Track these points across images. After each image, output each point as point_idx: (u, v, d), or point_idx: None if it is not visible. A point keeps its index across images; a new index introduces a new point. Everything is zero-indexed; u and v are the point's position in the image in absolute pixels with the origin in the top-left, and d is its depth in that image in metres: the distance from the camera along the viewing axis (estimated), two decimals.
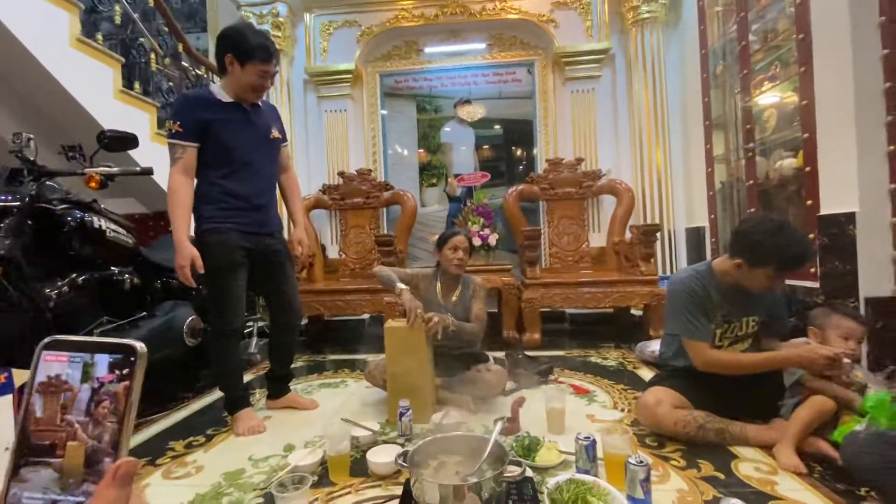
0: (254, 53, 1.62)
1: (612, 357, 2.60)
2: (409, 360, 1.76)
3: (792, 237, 1.44)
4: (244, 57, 1.63)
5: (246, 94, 1.71)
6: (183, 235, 1.61)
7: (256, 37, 1.64)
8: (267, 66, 1.66)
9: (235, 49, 1.64)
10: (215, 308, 1.73)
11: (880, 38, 1.94)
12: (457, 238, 2.00)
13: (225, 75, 1.70)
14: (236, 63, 1.65)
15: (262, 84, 1.69)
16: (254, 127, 1.77)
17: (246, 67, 1.64)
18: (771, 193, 2.69)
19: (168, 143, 1.66)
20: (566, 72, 3.66)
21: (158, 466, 1.50)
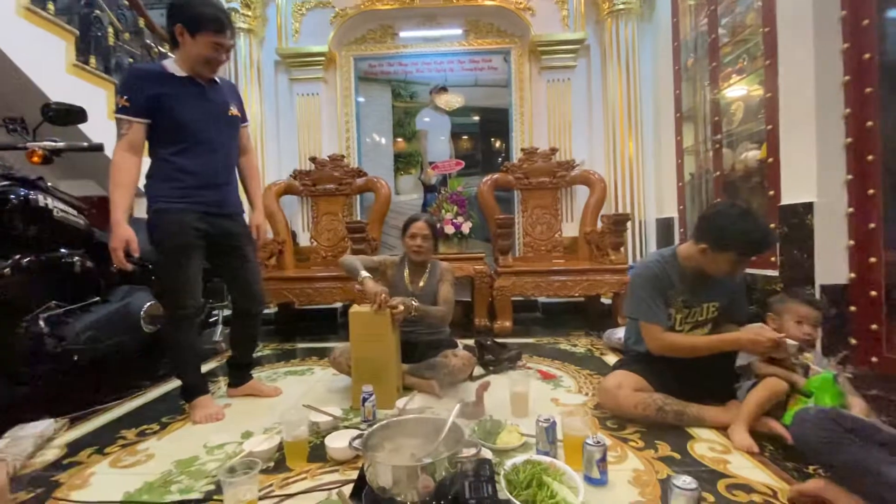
0: (204, 23, 1.54)
1: (580, 344, 2.63)
2: (373, 345, 1.74)
3: (755, 223, 1.46)
4: (194, 27, 1.55)
5: (199, 68, 1.62)
6: (120, 215, 1.53)
7: (207, 6, 1.55)
8: (219, 37, 1.57)
9: (185, 19, 1.56)
10: (168, 291, 1.66)
11: (841, 32, 1.98)
12: (416, 225, 1.98)
13: (177, 49, 1.62)
14: (186, 34, 1.56)
15: (216, 57, 1.60)
16: (210, 103, 1.69)
17: (196, 38, 1.55)
18: (736, 184, 2.75)
19: (115, 118, 1.57)
20: (542, 61, 3.65)
21: (107, 455, 1.43)
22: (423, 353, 1.97)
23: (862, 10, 1.93)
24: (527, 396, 1.63)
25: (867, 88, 1.91)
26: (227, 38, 1.59)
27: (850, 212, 1.97)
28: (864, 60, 1.92)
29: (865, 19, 1.91)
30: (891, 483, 0.91)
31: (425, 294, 2.00)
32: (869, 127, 1.91)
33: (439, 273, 2.04)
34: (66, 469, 1.35)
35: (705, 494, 1.10)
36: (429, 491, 0.96)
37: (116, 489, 1.21)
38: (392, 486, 0.96)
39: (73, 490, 1.22)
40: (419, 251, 1.97)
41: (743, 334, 1.48)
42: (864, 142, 1.93)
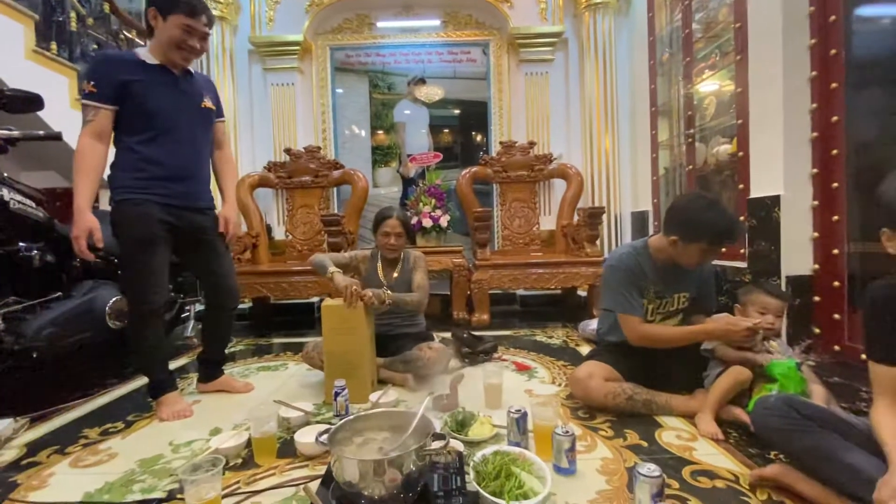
0: (176, 4, 1.50)
1: (557, 336, 2.66)
2: (346, 338, 1.71)
3: (721, 213, 1.49)
4: (167, 8, 1.50)
5: (171, 54, 1.56)
6: (83, 203, 1.47)
7: None
8: (192, 20, 1.52)
9: (158, 2, 1.51)
10: (131, 284, 1.61)
11: (809, 28, 2.03)
12: (389, 223, 1.96)
13: (152, 38, 1.57)
14: (159, 17, 1.52)
15: (188, 42, 1.54)
16: (182, 94, 1.63)
17: (168, 20, 1.50)
18: (709, 178, 2.80)
19: (81, 104, 1.51)
20: (521, 54, 3.64)
21: (67, 455, 1.38)
22: (398, 346, 1.96)
23: (829, 7, 1.97)
24: (500, 388, 1.64)
25: (833, 84, 1.96)
26: (199, 23, 1.54)
27: (815, 205, 2.03)
28: (830, 56, 1.97)
29: (832, 15, 1.96)
30: (847, 468, 0.94)
31: (399, 285, 1.98)
32: (834, 121, 1.96)
33: (412, 261, 2.04)
34: (25, 470, 1.30)
35: (671, 481, 1.12)
36: (396, 484, 0.95)
37: (76, 489, 1.17)
38: (358, 481, 0.95)
39: (31, 491, 1.18)
40: (393, 248, 1.96)
41: (719, 324, 1.51)
42: (829, 136, 1.98)
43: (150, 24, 1.55)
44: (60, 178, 2.97)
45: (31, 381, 2.01)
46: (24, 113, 1.65)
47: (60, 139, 1.69)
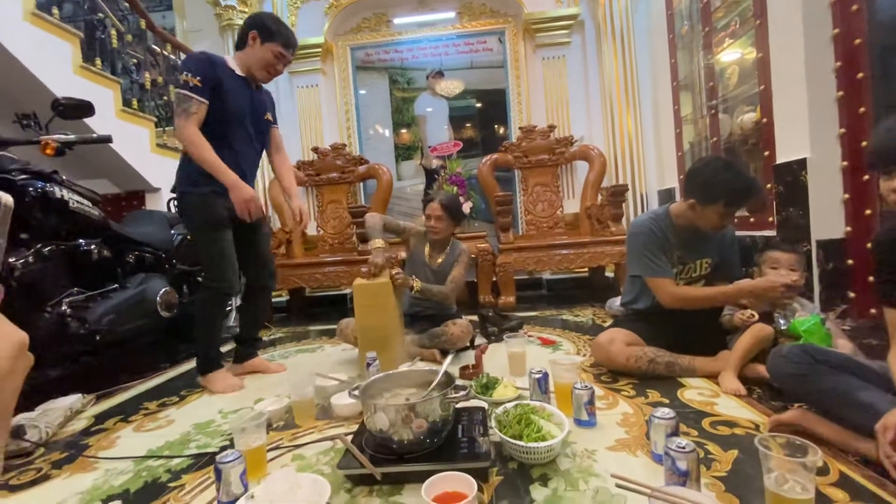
0: (277, 35, 1.72)
1: (584, 315, 2.68)
2: (377, 314, 1.81)
3: (737, 173, 1.49)
4: (267, 36, 1.71)
5: (257, 72, 1.77)
6: (232, 175, 1.65)
7: (282, 25, 1.75)
8: (285, 49, 1.75)
9: (261, 27, 1.72)
10: (209, 265, 1.76)
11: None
12: (430, 206, 2.06)
13: (240, 51, 1.77)
14: (258, 39, 1.72)
15: (275, 65, 1.77)
16: (254, 104, 1.82)
17: (265, 45, 1.72)
18: (734, 149, 2.74)
19: (180, 94, 1.62)
20: (536, 39, 3.66)
21: (130, 422, 1.54)
22: (427, 326, 2.05)
23: None
24: (524, 356, 1.69)
25: (856, 40, 1.90)
26: (289, 53, 1.77)
27: (844, 165, 1.98)
28: (852, 12, 1.91)
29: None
30: (865, 406, 0.95)
31: (441, 271, 2.07)
32: (860, 79, 1.90)
33: (458, 254, 2.11)
34: (94, 435, 1.45)
35: (690, 430, 1.15)
36: (423, 430, 1.03)
37: (140, 448, 1.31)
38: (388, 428, 1.03)
39: (101, 450, 1.33)
40: (434, 230, 2.05)
41: (758, 282, 1.49)
42: (856, 94, 1.92)
43: (245, 41, 1.75)
44: (111, 185, 3.21)
45: (96, 364, 2.20)
46: (77, 119, 1.82)
47: (111, 141, 1.86)
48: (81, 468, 1.23)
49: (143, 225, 2.50)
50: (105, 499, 1.06)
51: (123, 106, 2.89)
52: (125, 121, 2.87)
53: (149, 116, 3.12)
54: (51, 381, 2.03)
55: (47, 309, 1.77)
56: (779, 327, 1.44)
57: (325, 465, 1.12)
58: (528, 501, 0.91)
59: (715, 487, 0.91)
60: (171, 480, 1.12)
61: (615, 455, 1.06)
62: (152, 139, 3.10)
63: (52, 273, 1.85)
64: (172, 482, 1.11)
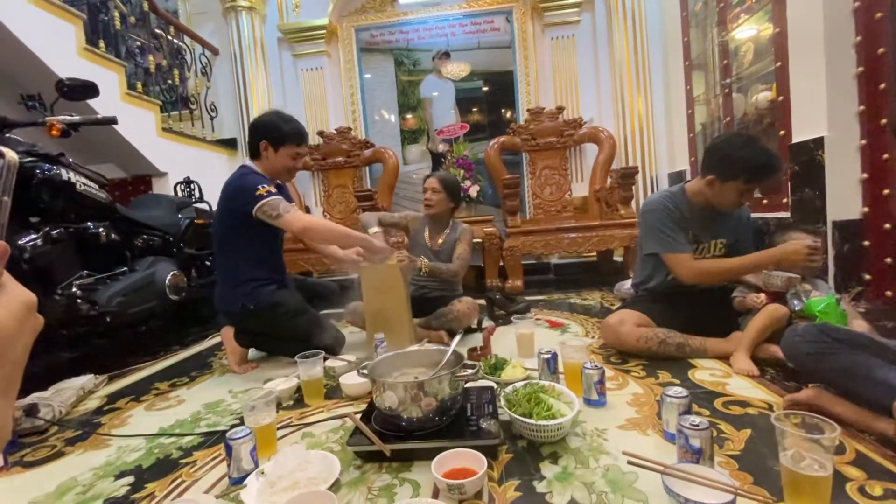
0: (287, 137, 1.73)
1: (592, 298, 2.66)
2: (384, 296, 1.80)
3: (757, 149, 1.45)
4: (278, 142, 1.73)
5: (280, 176, 1.81)
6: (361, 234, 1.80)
7: (288, 122, 1.76)
8: (299, 147, 1.78)
9: (269, 136, 1.73)
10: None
11: None
12: (428, 180, 2.06)
13: (257, 160, 1.78)
14: (270, 148, 1.74)
15: (295, 165, 1.80)
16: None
17: (280, 151, 1.74)
18: (748, 129, 2.68)
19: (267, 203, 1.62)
20: (545, 18, 3.57)
21: (142, 402, 1.55)
22: (434, 308, 2.04)
23: None
24: (532, 337, 1.68)
25: (878, 13, 1.83)
26: (304, 148, 1.81)
27: (863, 144, 1.92)
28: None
29: None
30: (882, 383, 0.93)
31: (443, 252, 2.06)
32: (881, 54, 1.83)
33: (459, 232, 2.10)
34: (106, 414, 1.47)
35: (702, 410, 1.14)
36: (431, 408, 1.03)
37: (152, 426, 1.32)
38: (397, 406, 1.03)
39: (113, 428, 1.34)
40: (428, 203, 2.04)
41: (778, 249, 1.44)
42: (876, 70, 1.86)
43: (257, 151, 1.76)
44: (117, 169, 3.21)
45: (107, 346, 2.23)
46: (82, 100, 1.80)
47: (116, 122, 1.84)
48: (95, 445, 1.24)
49: (151, 209, 2.51)
50: (118, 474, 1.08)
51: (128, 90, 2.87)
52: (130, 104, 2.86)
53: (154, 100, 3.10)
54: (63, 363, 2.06)
55: (58, 291, 1.78)
56: (793, 308, 1.42)
57: (334, 443, 1.12)
58: (539, 479, 0.91)
59: (728, 465, 0.90)
60: (183, 457, 1.13)
61: (626, 434, 1.06)
62: (158, 123, 3.08)
63: (61, 256, 1.86)
64: (184, 459, 1.12)
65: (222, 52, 3.87)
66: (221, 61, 3.90)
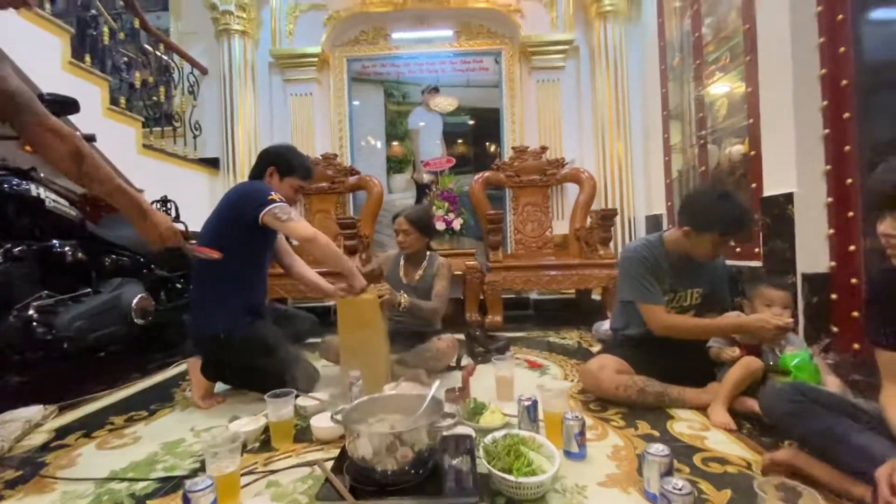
0: (296, 170, 1.76)
1: (570, 337, 2.66)
2: (361, 332, 1.75)
3: (732, 203, 1.50)
4: (286, 171, 1.75)
5: None
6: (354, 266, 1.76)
7: (300, 157, 1.80)
8: (305, 182, 1.81)
9: (279, 164, 1.75)
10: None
11: (817, 27, 2.04)
12: (397, 221, 2.04)
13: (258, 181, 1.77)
14: (276, 175, 1.75)
15: (294, 198, 1.80)
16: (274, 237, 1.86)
17: (285, 181, 1.76)
18: (722, 179, 2.79)
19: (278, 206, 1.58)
20: (532, 61, 3.71)
21: (94, 438, 1.45)
22: (412, 344, 2.00)
23: (837, 7, 1.98)
24: (511, 381, 1.65)
25: (843, 81, 1.96)
26: (308, 183, 1.82)
27: (830, 201, 2.01)
28: (839, 54, 1.97)
29: (840, 14, 1.96)
30: (858, 449, 0.94)
31: (420, 288, 2.03)
32: (846, 118, 1.95)
33: (436, 267, 2.07)
34: (53, 451, 1.36)
35: (681, 466, 1.12)
36: (407, 460, 0.98)
37: (102, 468, 1.22)
38: (372, 457, 0.98)
39: (60, 469, 1.24)
40: (403, 245, 2.02)
41: (751, 318, 1.48)
42: (841, 133, 1.97)
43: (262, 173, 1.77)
44: None
45: (60, 371, 2.09)
46: (62, 116, 1.75)
47: (94, 140, 1.79)
48: (37, 489, 1.14)
49: (124, 227, 2.41)
50: None
51: (111, 105, 2.81)
52: (112, 119, 2.80)
53: (136, 116, 3.05)
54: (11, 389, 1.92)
55: (13, 313, 1.67)
56: (768, 361, 1.44)
57: (301, 495, 1.05)
58: None
59: None
60: None
61: (606, 492, 1.03)
62: (139, 139, 3.02)
63: (21, 275, 1.76)
64: None
65: (211, 72, 3.86)
66: (209, 81, 3.88)
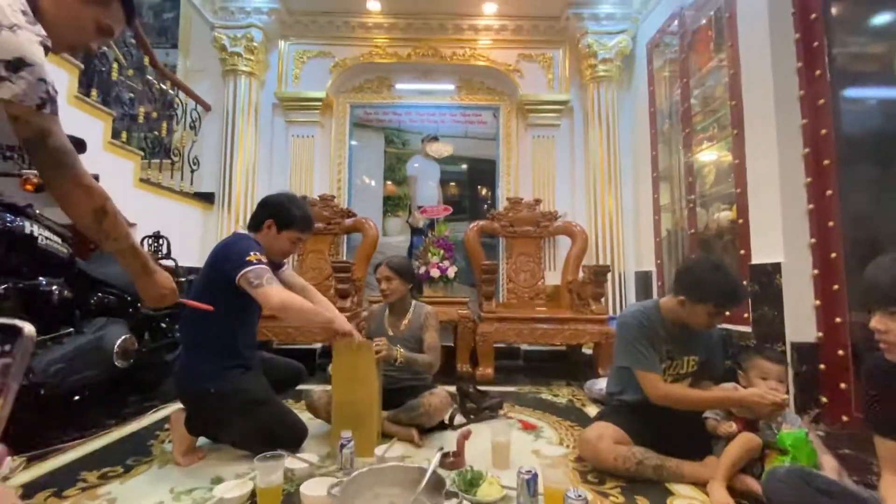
0: (294, 223, 1.72)
1: (562, 394, 2.63)
2: (356, 388, 1.71)
3: (726, 276, 1.54)
4: (284, 225, 1.71)
5: (274, 256, 1.76)
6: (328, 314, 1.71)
7: (300, 208, 1.76)
8: (304, 234, 1.77)
9: (277, 216, 1.72)
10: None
11: (800, 109, 2.18)
12: (378, 270, 2.04)
13: (257, 233, 1.74)
14: (274, 227, 1.72)
15: (292, 250, 1.78)
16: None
17: (283, 234, 1.72)
18: (711, 242, 2.88)
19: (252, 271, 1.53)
20: (529, 118, 3.87)
21: (64, 499, 1.35)
22: (403, 399, 1.95)
23: (819, 91, 2.12)
24: (508, 447, 1.61)
25: (825, 161, 2.08)
26: (308, 235, 1.79)
27: (815, 273, 2.09)
28: (821, 136, 2.10)
29: (821, 99, 2.11)
30: None
31: (407, 339, 2.00)
32: (828, 195, 2.06)
33: (423, 317, 2.05)
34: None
35: None
36: None
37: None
38: None
39: None
40: (386, 293, 2.02)
41: (747, 393, 1.49)
42: (825, 209, 2.08)
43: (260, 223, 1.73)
44: None
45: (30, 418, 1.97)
46: None
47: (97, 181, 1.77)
48: None
49: (113, 264, 2.35)
50: None
51: (111, 138, 2.81)
52: (112, 153, 2.79)
53: (136, 151, 3.05)
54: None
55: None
56: (765, 438, 1.44)
57: None
58: None
59: None
60: None
61: None
62: (136, 173, 3.00)
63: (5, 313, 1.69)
64: None
65: (215, 109, 3.92)
66: (212, 116, 3.93)
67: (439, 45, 3.86)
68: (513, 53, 3.88)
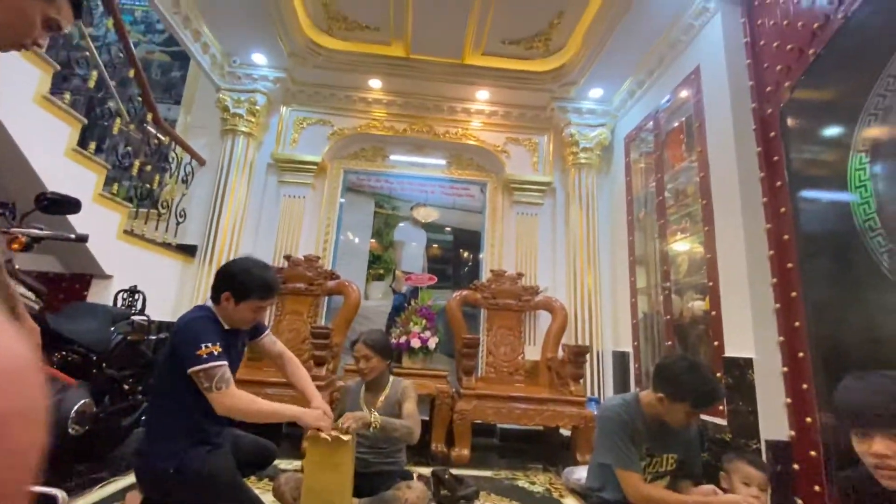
0: (251, 293, 1.61)
1: (539, 482, 2.54)
2: (329, 475, 1.63)
3: (702, 377, 1.58)
4: (241, 297, 1.61)
5: (237, 325, 1.68)
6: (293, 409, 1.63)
7: (257, 277, 1.62)
8: (264, 301, 1.64)
9: (233, 288, 1.61)
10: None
11: (764, 214, 2.37)
12: (356, 348, 1.98)
13: (217, 305, 1.65)
14: (232, 300, 1.61)
15: (255, 317, 1.69)
16: (238, 350, 1.74)
17: (240, 305, 1.62)
18: (686, 329, 2.97)
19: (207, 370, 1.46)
20: (514, 196, 4.06)
21: None
22: (375, 486, 1.85)
23: (780, 200, 2.31)
24: None
25: (788, 264, 2.23)
26: (270, 301, 1.69)
27: (785, 371, 2.16)
28: (784, 240, 2.27)
29: (783, 207, 2.29)
30: None
31: (383, 413, 1.94)
32: (793, 297, 2.19)
33: (400, 391, 2.00)
34: None
35: None
36: None
37: None
38: None
39: None
40: (364, 372, 1.96)
41: (728, 499, 1.49)
42: (791, 309, 2.19)
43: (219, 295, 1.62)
44: (56, 263, 2.97)
45: None
46: (60, 215, 1.74)
47: (86, 241, 1.76)
48: None
49: (83, 320, 2.27)
50: None
51: (102, 191, 2.82)
52: (100, 205, 2.78)
53: (125, 203, 3.04)
54: None
55: None
56: None
57: None
58: None
59: None
60: None
61: None
62: (121, 225, 2.98)
63: None
64: None
65: (209, 165, 3.99)
66: (205, 171, 3.99)
67: (434, 123, 4.11)
68: (501, 136, 4.15)
